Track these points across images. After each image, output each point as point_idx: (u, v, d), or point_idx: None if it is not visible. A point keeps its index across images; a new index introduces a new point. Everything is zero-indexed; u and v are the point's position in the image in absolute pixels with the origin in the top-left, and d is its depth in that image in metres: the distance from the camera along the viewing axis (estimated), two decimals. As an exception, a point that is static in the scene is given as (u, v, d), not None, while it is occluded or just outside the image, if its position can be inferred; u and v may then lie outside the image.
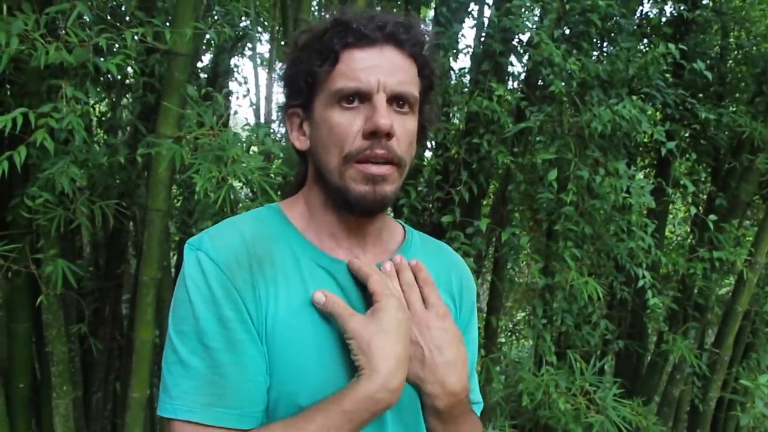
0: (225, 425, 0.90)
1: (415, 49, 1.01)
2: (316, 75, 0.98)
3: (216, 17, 3.32)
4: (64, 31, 2.16)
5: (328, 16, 1.05)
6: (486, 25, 3.37)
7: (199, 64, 4.23)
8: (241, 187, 3.04)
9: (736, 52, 4.08)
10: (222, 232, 0.99)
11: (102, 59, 2.33)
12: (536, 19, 3.22)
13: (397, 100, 0.99)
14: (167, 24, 2.51)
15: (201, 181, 2.16)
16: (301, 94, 1.02)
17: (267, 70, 4.94)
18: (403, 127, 0.99)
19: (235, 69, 4.68)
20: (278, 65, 5.13)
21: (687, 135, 4.01)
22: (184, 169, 2.31)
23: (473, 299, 1.22)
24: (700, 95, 3.87)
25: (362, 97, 0.97)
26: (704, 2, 3.91)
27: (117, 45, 2.31)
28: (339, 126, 0.97)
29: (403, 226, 1.19)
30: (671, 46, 2.96)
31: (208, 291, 0.92)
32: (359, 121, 0.96)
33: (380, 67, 0.97)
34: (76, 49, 2.16)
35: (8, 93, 2.49)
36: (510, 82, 3.40)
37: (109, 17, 2.88)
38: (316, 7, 5.17)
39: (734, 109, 3.77)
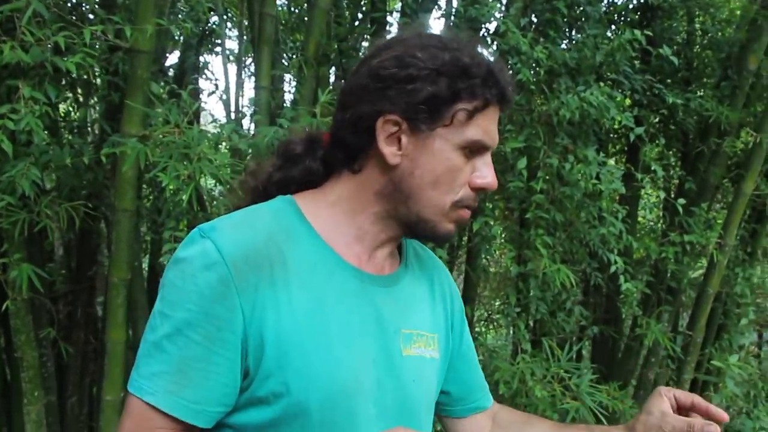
0: (180, 416, 0.89)
1: None
2: (457, 111, 0.97)
3: (180, 14, 3.27)
4: (20, 30, 2.11)
5: (470, 41, 1.03)
6: (452, 15, 3.36)
7: (168, 62, 4.18)
8: (215, 184, 3.00)
9: (701, 38, 4.13)
10: (236, 224, 0.95)
11: (65, 59, 2.29)
12: (502, 8, 3.22)
13: None
14: (128, 21, 2.47)
15: (167, 180, 2.14)
16: (422, 111, 0.96)
17: (236, 66, 4.90)
18: None
19: (205, 66, 4.63)
20: (248, 60, 5.10)
21: (657, 120, 4.05)
22: (152, 167, 2.28)
23: (460, 298, 1.25)
24: (669, 81, 3.90)
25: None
26: (670, -12, 3.94)
27: (77, 44, 2.27)
28: (460, 171, 0.99)
29: None
30: (637, 32, 2.98)
31: (205, 284, 0.89)
32: (469, 171, 1.00)
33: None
34: (34, 48, 2.12)
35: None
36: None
37: (73, 16, 2.84)
38: (286, 2, 5.15)
39: (701, 93, 3.82)
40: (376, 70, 0.98)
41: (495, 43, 3.12)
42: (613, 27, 3.99)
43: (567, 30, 3.59)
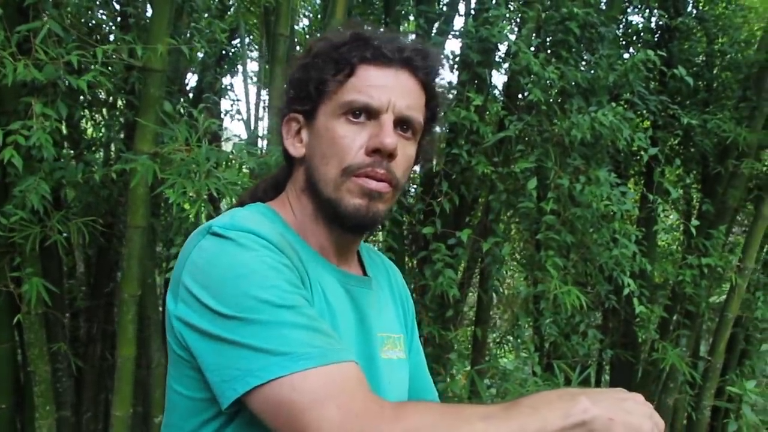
0: (351, 359, 0.83)
1: (428, 78, 1.03)
2: (327, 83, 0.97)
3: (195, 35, 3.33)
4: (34, 49, 2.17)
5: (347, 30, 1.03)
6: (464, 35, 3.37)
7: (190, 82, 4.26)
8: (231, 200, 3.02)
9: (720, 59, 4.08)
10: (249, 219, 0.93)
11: (78, 77, 2.34)
12: (515, 28, 3.23)
13: (402, 123, 0.99)
14: (142, 41, 2.52)
15: (173, 196, 2.17)
16: (307, 100, 1.00)
17: (256, 86, 4.97)
18: (404, 151, 0.99)
19: (225, 86, 4.69)
20: (267, 80, 5.17)
21: (675, 142, 4.00)
22: (161, 184, 2.32)
23: (411, 301, 1.25)
24: (687, 102, 3.86)
25: (370, 113, 0.97)
26: (688, 10, 3.92)
27: (91, 62, 2.32)
28: (342, 138, 0.96)
29: None
30: (650, 52, 2.96)
31: (271, 260, 0.87)
32: (363, 137, 0.96)
33: (393, 88, 0.98)
34: (47, 66, 2.17)
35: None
36: (490, 92, 3.39)
37: (97, 37, 2.91)
38: (306, 22, 5.22)
39: (720, 115, 3.77)
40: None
41: (507, 63, 3.12)
42: (631, 49, 3.97)
43: (581, 50, 3.58)
